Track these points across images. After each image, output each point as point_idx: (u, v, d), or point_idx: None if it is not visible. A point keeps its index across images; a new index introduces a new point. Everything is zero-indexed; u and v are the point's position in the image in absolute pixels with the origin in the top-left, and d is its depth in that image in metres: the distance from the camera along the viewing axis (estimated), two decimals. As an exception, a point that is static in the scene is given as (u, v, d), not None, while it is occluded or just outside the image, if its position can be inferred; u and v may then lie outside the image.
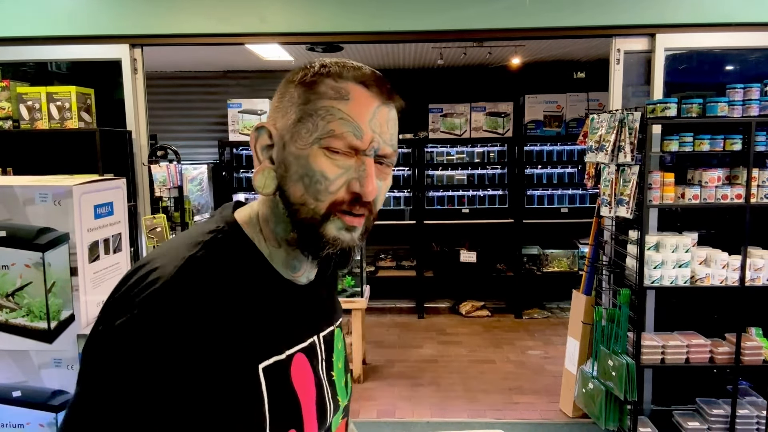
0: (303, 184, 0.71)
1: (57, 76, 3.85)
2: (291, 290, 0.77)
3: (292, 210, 0.72)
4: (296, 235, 0.73)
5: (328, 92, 0.71)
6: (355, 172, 0.71)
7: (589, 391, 3.29)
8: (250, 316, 0.69)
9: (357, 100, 0.71)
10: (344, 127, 0.70)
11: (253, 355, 0.68)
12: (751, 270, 3.03)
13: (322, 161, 0.70)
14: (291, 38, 3.52)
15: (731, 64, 3.71)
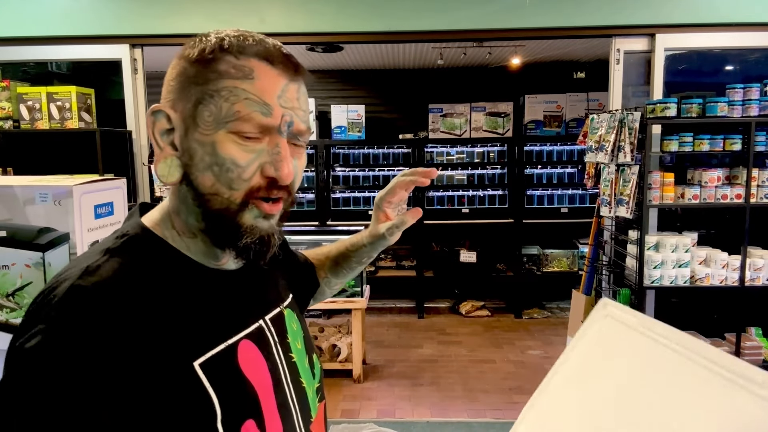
0: (213, 173, 0.66)
1: (57, 76, 3.85)
2: (218, 279, 0.73)
3: (203, 200, 0.67)
4: (208, 226, 0.69)
5: (230, 71, 0.65)
6: (269, 156, 0.67)
7: (589, 391, 3.29)
8: (172, 314, 0.64)
9: (263, 78, 0.66)
10: (250, 107, 0.65)
11: (184, 353, 0.63)
12: (750, 270, 3.03)
13: (230, 147, 0.65)
14: (291, 38, 3.52)
15: (731, 64, 3.71)
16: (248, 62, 0.66)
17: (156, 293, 0.64)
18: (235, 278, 0.75)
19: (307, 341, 0.87)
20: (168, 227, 0.72)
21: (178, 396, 0.61)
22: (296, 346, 0.82)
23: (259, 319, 0.77)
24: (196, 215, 0.69)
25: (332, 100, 6.03)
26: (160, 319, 0.63)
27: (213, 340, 0.67)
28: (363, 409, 3.74)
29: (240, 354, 0.70)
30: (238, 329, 0.71)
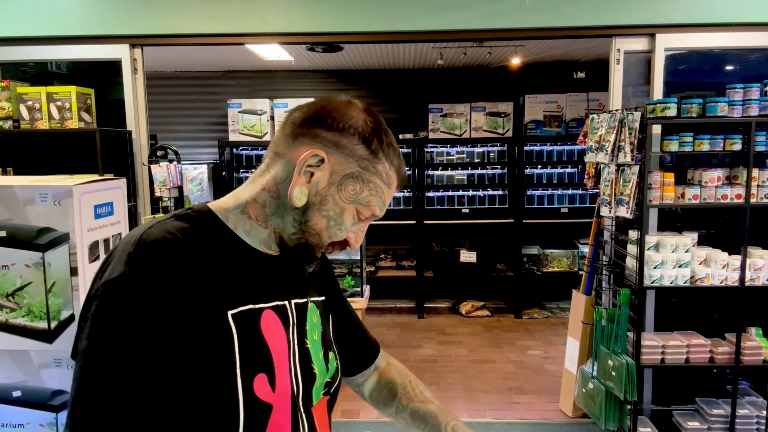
0: (327, 223, 0.87)
1: (57, 76, 3.85)
2: (258, 258, 0.88)
3: (305, 231, 0.87)
4: (294, 242, 0.88)
5: (382, 175, 0.88)
6: (358, 229, 0.92)
7: (589, 391, 3.29)
8: (216, 271, 0.81)
9: (392, 189, 0.91)
10: (378, 204, 0.90)
11: (221, 303, 0.79)
12: (750, 270, 3.03)
13: (350, 218, 0.88)
14: (291, 38, 3.52)
15: (731, 64, 3.71)
16: (393, 175, 0.90)
17: (206, 254, 0.81)
18: (273, 262, 0.90)
19: (324, 337, 0.98)
20: (238, 211, 0.89)
21: (212, 333, 0.77)
22: (312, 336, 0.94)
23: (285, 300, 0.90)
24: (281, 219, 0.88)
25: (332, 100, 6.02)
26: (207, 272, 0.80)
27: (244, 299, 0.83)
28: (363, 410, 3.74)
29: (263, 319, 0.85)
30: (265, 299, 0.86)
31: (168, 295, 0.74)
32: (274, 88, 6.02)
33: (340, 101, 0.89)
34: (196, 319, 0.76)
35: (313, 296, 0.98)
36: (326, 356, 0.96)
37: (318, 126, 0.86)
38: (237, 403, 0.78)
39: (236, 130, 5.47)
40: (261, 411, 0.81)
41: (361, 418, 3.64)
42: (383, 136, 0.88)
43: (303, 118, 0.88)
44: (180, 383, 0.74)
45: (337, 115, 0.86)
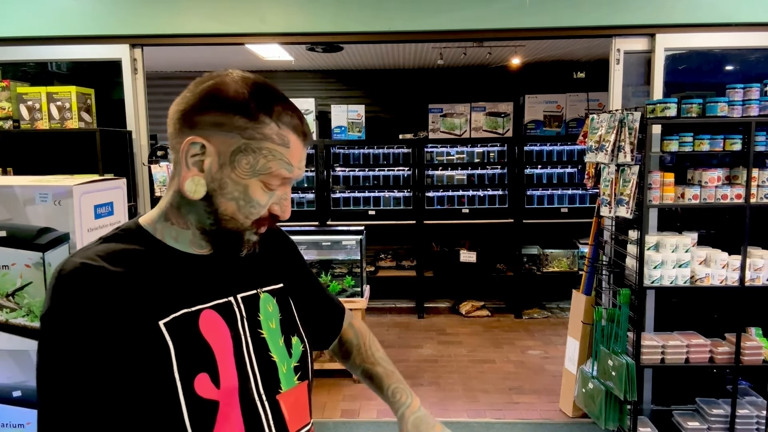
0: (237, 205, 0.86)
1: (57, 76, 3.85)
2: (192, 262, 0.89)
3: (219, 218, 0.87)
4: (215, 235, 0.88)
5: (273, 137, 0.85)
6: (278, 199, 0.90)
7: (589, 390, 3.29)
8: (145, 284, 0.82)
9: (294, 149, 0.87)
10: (282, 167, 0.86)
11: (151, 315, 0.81)
12: (750, 270, 3.03)
13: (258, 192, 0.87)
14: (291, 38, 3.52)
15: (731, 64, 3.71)
16: (288, 134, 0.86)
17: (131, 270, 0.82)
18: (208, 262, 0.91)
19: (285, 323, 0.99)
20: (161, 219, 0.90)
21: (145, 346, 0.80)
22: (269, 325, 0.96)
23: (230, 296, 0.92)
24: (197, 216, 0.88)
25: (332, 100, 6.03)
26: (132, 289, 0.81)
27: (176, 306, 0.84)
28: (363, 409, 3.74)
29: (202, 320, 0.86)
30: (202, 300, 0.87)
31: (93, 320, 0.77)
32: (274, 88, 6.01)
33: (210, 79, 0.87)
34: (127, 336, 0.78)
35: (268, 285, 1.00)
36: (288, 342, 0.98)
37: (194, 113, 0.84)
38: (179, 405, 0.80)
39: (236, 130, 5.47)
40: (206, 409, 0.83)
41: (361, 418, 3.64)
42: (261, 98, 0.85)
43: (180, 110, 0.87)
44: (125, 395, 0.78)
45: (209, 95, 0.84)
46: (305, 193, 5.85)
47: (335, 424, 3.57)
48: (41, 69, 3.80)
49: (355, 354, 1.24)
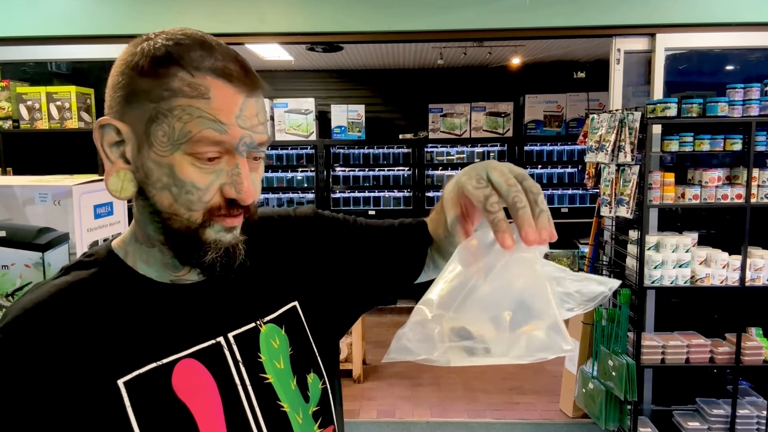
0: (171, 194, 0.65)
1: (57, 76, 3.84)
2: (168, 295, 0.70)
3: (162, 217, 0.66)
4: (170, 242, 0.67)
5: (184, 89, 0.62)
6: (228, 176, 0.65)
7: (589, 391, 3.29)
8: (104, 330, 0.64)
9: (219, 97, 0.63)
10: (204, 127, 0.62)
11: (109, 370, 0.62)
12: (751, 270, 3.03)
13: (189, 170, 0.63)
14: (291, 38, 3.52)
15: (731, 64, 3.71)
16: (204, 80, 0.62)
17: (92, 310, 0.65)
18: (192, 292, 0.71)
19: (297, 359, 0.77)
20: (133, 240, 0.72)
21: (98, 413, 0.61)
22: (275, 365, 0.74)
23: (218, 336, 0.71)
24: (155, 227, 0.68)
25: (332, 99, 6.02)
26: (91, 336, 0.63)
27: (143, 358, 0.64)
28: (363, 410, 3.74)
29: (176, 375, 0.65)
30: (179, 347, 0.67)
31: (29, 385, 0.59)
32: (274, 88, 6.02)
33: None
34: (75, 402, 0.60)
35: (272, 311, 0.78)
36: (302, 382, 0.76)
37: (107, 98, 0.67)
38: None
39: (236, 130, 5.47)
40: None
41: (361, 418, 3.64)
42: (161, 48, 0.63)
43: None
44: None
45: (114, 70, 0.67)
46: (305, 193, 5.85)
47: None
48: (41, 69, 3.80)
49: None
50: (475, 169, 0.64)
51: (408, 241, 0.89)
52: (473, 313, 0.58)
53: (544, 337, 0.57)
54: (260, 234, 0.79)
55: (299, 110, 5.64)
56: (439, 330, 0.58)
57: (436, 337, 0.58)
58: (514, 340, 0.57)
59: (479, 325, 0.58)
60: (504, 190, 0.60)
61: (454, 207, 0.68)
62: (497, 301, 0.58)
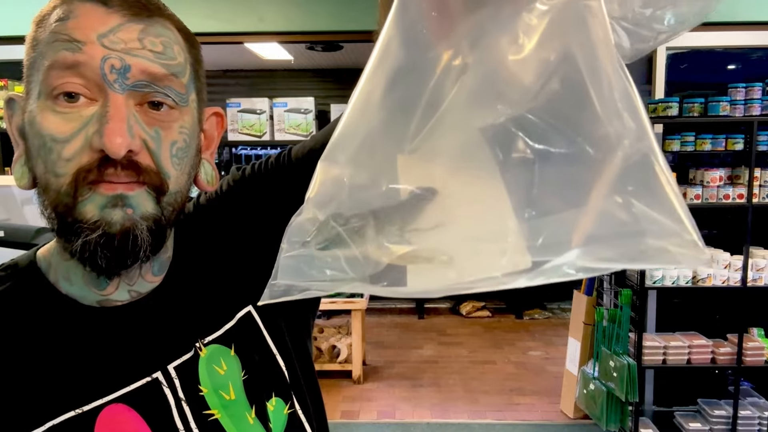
0: (42, 159, 0.49)
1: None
2: (95, 319, 0.54)
3: (44, 202, 0.51)
4: (57, 234, 0.53)
5: (52, 20, 0.49)
6: (97, 121, 0.48)
7: (590, 391, 3.28)
8: (13, 373, 0.51)
9: (82, 16, 0.48)
10: (59, 49, 0.47)
11: (15, 421, 0.49)
12: (753, 270, 3.02)
13: (48, 118, 0.48)
14: (290, 37, 3.51)
15: (733, 63, 3.70)
16: (71, 4, 0.49)
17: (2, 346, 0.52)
18: (124, 316, 0.55)
19: (253, 384, 0.60)
20: (56, 250, 0.57)
21: None
22: (222, 397, 0.58)
23: (155, 371, 0.55)
24: (50, 222, 0.53)
25: (332, 99, 6.01)
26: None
27: (59, 405, 0.51)
28: (363, 410, 3.73)
29: (100, 425, 0.51)
30: (105, 390, 0.52)
31: None
32: (274, 87, 6.01)
33: None
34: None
35: (218, 326, 0.61)
36: (262, 413, 0.60)
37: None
38: None
39: (235, 129, 5.46)
40: None
41: (360, 419, 3.63)
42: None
43: None
44: None
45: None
46: (305, 193, 5.84)
47: (335, 425, 3.56)
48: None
49: None
50: None
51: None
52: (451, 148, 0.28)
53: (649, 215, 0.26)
54: (200, 229, 0.64)
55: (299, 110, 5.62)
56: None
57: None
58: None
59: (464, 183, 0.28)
60: None
61: None
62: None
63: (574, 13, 0.26)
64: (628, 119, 0.26)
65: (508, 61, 0.27)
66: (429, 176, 0.28)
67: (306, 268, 0.31)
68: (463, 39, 0.27)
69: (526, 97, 0.27)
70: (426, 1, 0.28)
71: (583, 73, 0.26)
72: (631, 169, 0.26)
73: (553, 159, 0.26)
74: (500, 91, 0.27)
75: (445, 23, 0.28)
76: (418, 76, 0.28)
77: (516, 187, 0.27)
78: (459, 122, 0.27)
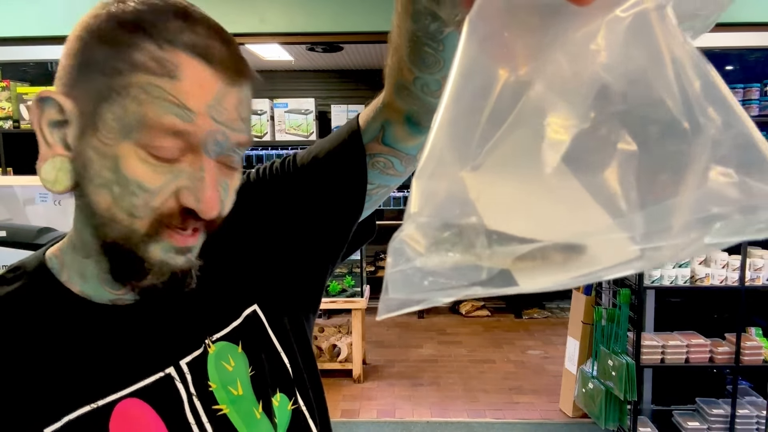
0: (111, 194, 0.50)
1: (57, 76, 3.84)
2: (105, 318, 0.56)
3: (98, 222, 0.52)
4: (105, 254, 0.54)
5: (147, 64, 0.48)
6: (189, 179, 0.51)
7: (589, 391, 3.29)
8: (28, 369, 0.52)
9: (191, 78, 0.49)
10: (166, 112, 0.48)
11: (33, 415, 0.50)
12: (750, 270, 3.03)
13: (137, 166, 0.49)
14: (291, 38, 3.52)
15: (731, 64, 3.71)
16: (175, 56, 0.48)
17: (11, 339, 0.53)
18: (137, 314, 0.57)
19: (259, 380, 0.62)
20: (70, 249, 0.57)
21: None
22: (230, 392, 0.60)
23: (168, 366, 0.57)
24: (91, 231, 0.54)
25: (332, 100, 6.02)
26: (10, 372, 0.51)
27: (75, 400, 0.52)
28: (363, 409, 3.74)
29: (115, 420, 0.53)
30: (119, 385, 0.54)
31: None
32: (274, 88, 6.02)
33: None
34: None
35: (226, 324, 0.63)
36: (268, 408, 0.62)
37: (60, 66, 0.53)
38: None
39: (236, 130, 5.47)
40: None
41: (361, 418, 3.64)
42: (131, 12, 0.50)
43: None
44: None
45: (71, 33, 0.52)
46: (305, 193, 5.85)
47: (335, 424, 3.56)
48: (41, 69, 3.80)
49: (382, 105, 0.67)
50: None
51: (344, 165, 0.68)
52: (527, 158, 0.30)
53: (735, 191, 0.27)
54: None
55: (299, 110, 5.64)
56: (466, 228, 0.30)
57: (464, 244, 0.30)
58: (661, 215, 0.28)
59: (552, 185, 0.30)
60: None
61: None
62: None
63: (646, 20, 0.28)
64: (715, 110, 0.27)
65: (585, 68, 0.28)
66: (498, 189, 0.30)
67: (417, 280, 0.31)
68: (533, 54, 0.29)
69: (606, 102, 0.28)
70: (497, 22, 0.30)
71: (666, 74, 0.27)
72: (730, 151, 0.27)
73: (642, 154, 0.28)
74: (574, 100, 0.28)
75: (516, 42, 0.30)
76: (490, 91, 0.30)
77: (604, 186, 0.28)
78: (526, 134, 0.29)
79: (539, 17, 0.30)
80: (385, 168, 0.68)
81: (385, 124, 0.65)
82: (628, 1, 0.28)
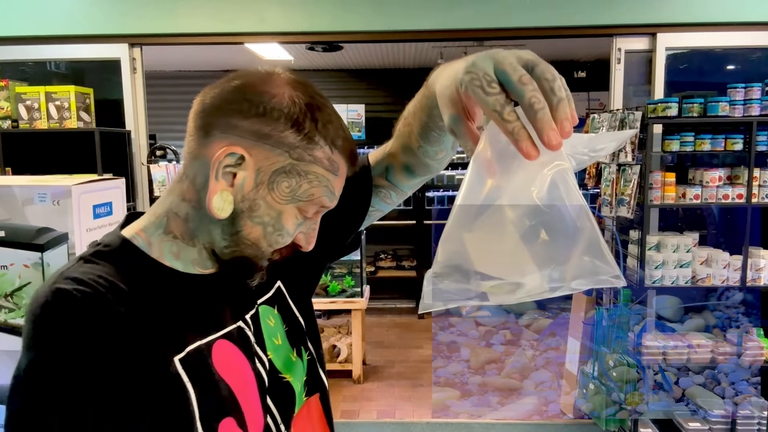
0: (263, 230, 0.71)
1: (56, 76, 3.84)
2: (196, 284, 0.74)
3: (238, 243, 0.72)
4: (223, 260, 0.73)
5: (323, 162, 0.71)
6: (308, 228, 0.76)
7: (589, 391, 3.28)
8: (150, 316, 0.66)
9: (342, 175, 0.75)
10: (325, 194, 0.73)
11: (164, 351, 0.65)
12: (752, 270, 3.02)
13: (291, 219, 0.72)
14: (291, 38, 3.51)
15: (732, 64, 3.71)
16: (339, 159, 0.73)
17: (131, 297, 0.65)
18: (213, 281, 0.75)
19: (291, 335, 0.86)
20: (160, 231, 0.73)
21: (161, 390, 0.64)
22: (273, 342, 0.82)
23: (239, 320, 0.77)
24: (213, 237, 0.72)
25: (332, 99, 5.95)
26: (138, 317, 0.64)
27: (189, 337, 0.69)
28: (363, 410, 3.73)
29: (215, 354, 0.71)
30: (212, 330, 0.73)
31: (100, 361, 0.60)
32: (274, 88, 6.01)
33: (257, 75, 0.71)
34: (140, 379, 0.62)
35: (264, 293, 0.84)
36: (299, 354, 0.85)
37: (232, 113, 0.68)
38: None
39: (236, 129, 5.47)
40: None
41: (360, 419, 3.64)
42: (317, 114, 0.70)
43: (212, 104, 0.71)
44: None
45: (255, 95, 0.68)
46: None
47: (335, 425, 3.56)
48: (40, 69, 3.79)
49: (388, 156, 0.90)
50: (476, 65, 0.54)
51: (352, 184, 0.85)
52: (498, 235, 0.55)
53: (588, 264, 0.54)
54: None
55: (299, 110, 5.64)
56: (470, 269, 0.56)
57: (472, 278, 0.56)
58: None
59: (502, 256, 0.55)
60: (517, 91, 0.51)
61: (453, 106, 0.58)
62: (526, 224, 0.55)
63: (561, 174, 0.53)
64: (584, 223, 0.53)
65: (528, 191, 0.53)
66: (483, 246, 0.55)
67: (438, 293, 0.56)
68: (505, 175, 0.54)
69: (537, 212, 0.53)
70: (488, 156, 0.55)
71: (566, 204, 0.53)
72: (587, 246, 0.53)
73: (552, 242, 0.54)
74: (522, 207, 0.53)
75: (497, 168, 0.55)
76: (481, 190, 0.55)
77: (534, 250, 0.54)
78: (501, 216, 0.54)
79: (511, 156, 0.53)
80: (384, 197, 0.94)
81: (389, 166, 0.90)
82: (553, 162, 0.52)
